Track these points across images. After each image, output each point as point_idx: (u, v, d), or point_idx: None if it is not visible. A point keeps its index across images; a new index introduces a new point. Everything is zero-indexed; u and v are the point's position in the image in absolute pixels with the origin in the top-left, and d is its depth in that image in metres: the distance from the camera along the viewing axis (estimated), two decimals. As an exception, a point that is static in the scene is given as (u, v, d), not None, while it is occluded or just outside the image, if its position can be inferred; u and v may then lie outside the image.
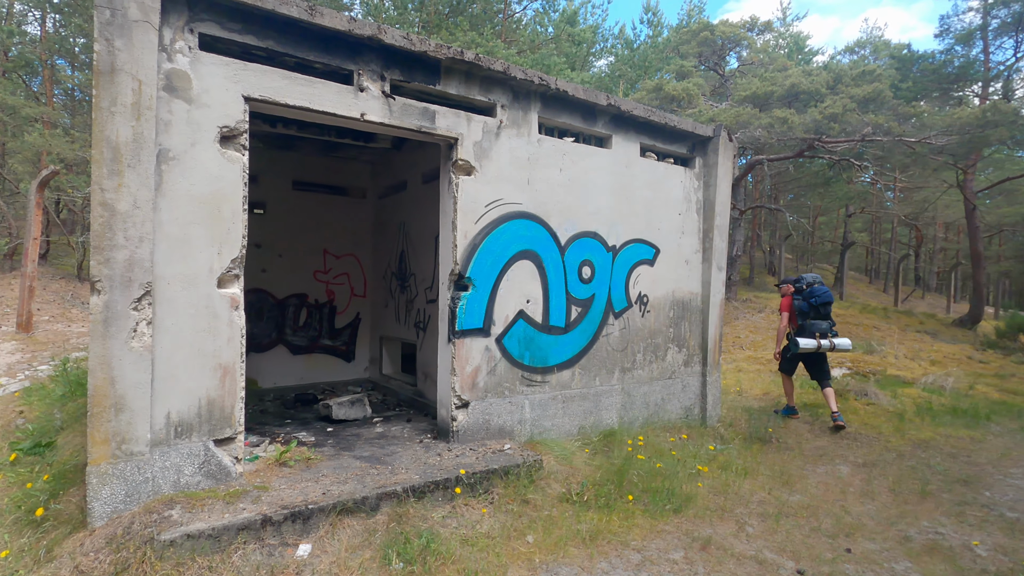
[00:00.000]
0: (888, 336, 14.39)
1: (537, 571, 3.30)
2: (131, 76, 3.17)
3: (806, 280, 6.66)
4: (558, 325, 5.38)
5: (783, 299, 6.92)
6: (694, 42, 20.29)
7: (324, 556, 3.24)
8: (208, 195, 3.59)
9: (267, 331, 7.02)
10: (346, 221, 7.59)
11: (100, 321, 3.15)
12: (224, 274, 3.67)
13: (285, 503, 3.46)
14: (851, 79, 14.73)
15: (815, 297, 6.53)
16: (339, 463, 4.29)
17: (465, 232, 4.74)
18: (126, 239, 3.20)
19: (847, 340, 6.53)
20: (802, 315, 6.61)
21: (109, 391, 3.19)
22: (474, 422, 4.85)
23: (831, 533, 4.10)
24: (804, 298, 6.61)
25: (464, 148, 4.71)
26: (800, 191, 27.91)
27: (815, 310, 6.55)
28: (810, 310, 6.55)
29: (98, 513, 3.17)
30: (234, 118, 3.66)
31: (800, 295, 6.69)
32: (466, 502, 3.98)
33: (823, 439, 6.27)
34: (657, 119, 5.94)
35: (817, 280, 6.66)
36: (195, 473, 3.57)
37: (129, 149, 3.18)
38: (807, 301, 6.57)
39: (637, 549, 3.63)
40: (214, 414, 3.63)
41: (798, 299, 6.69)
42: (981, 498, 4.83)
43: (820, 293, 6.52)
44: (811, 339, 6.42)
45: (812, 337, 6.45)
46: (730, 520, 4.19)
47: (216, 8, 3.59)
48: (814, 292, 6.55)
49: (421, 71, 4.49)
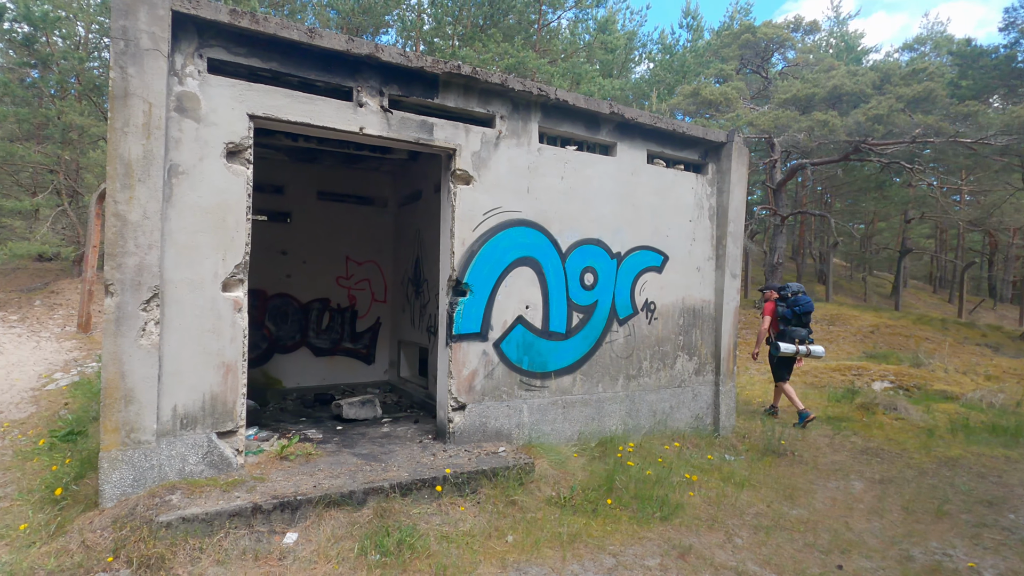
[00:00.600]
0: (942, 348, 13.53)
1: (508, 570, 3.38)
2: (142, 99, 3.51)
3: (791, 289, 7.10)
4: (558, 331, 5.44)
5: (766, 303, 7.29)
6: (735, 45, 19.87)
7: (308, 544, 3.44)
8: (214, 206, 3.89)
9: (291, 334, 7.40)
10: (368, 229, 7.92)
11: (112, 320, 3.48)
12: (228, 279, 3.96)
13: (276, 494, 3.69)
14: (900, 78, 14.05)
15: (799, 306, 6.99)
16: (337, 459, 4.51)
17: (463, 239, 4.90)
18: (136, 246, 3.53)
19: (821, 348, 7.03)
20: (784, 321, 7.09)
21: (120, 384, 3.51)
22: (471, 424, 4.97)
23: (826, 549, 3.97)
24: (789, 306, 7.07)
25: (462, 158, 4.87)
26: (854, 196, 26.64)
27: (797, 318, 7.03)
28: (793, 317, 7.05)
29: (108, 495, 3.50)
30: (239, 135, 3.96)
31: (785, 302, 7.10)
32: (452, 501, 4.10)
33: (841, 454, 6.03)
34: (664, 126, 5.93)
35: (801, 290, 7.09)
36: (199, 462, 3.86)
37: (140, 165, 3.51)
38: (791, 309, 7.04)
39: (613, 554, 3.64)
40: (217, 408, 3.92)
41: (782, 306, 7.11)
42: (1004, 520, 4.53)
43: (804, 302, 7.01)
44: (791, 344, 6.90)
45: (792, 342, 6.92)
46: (719, 531, 4.12)
47: (223, 34, 3.91)
48: (798, 301, 7.00)
49: (420, 85, 4.70)
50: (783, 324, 7.11)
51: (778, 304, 7.14)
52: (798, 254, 27.12)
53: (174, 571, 3.04)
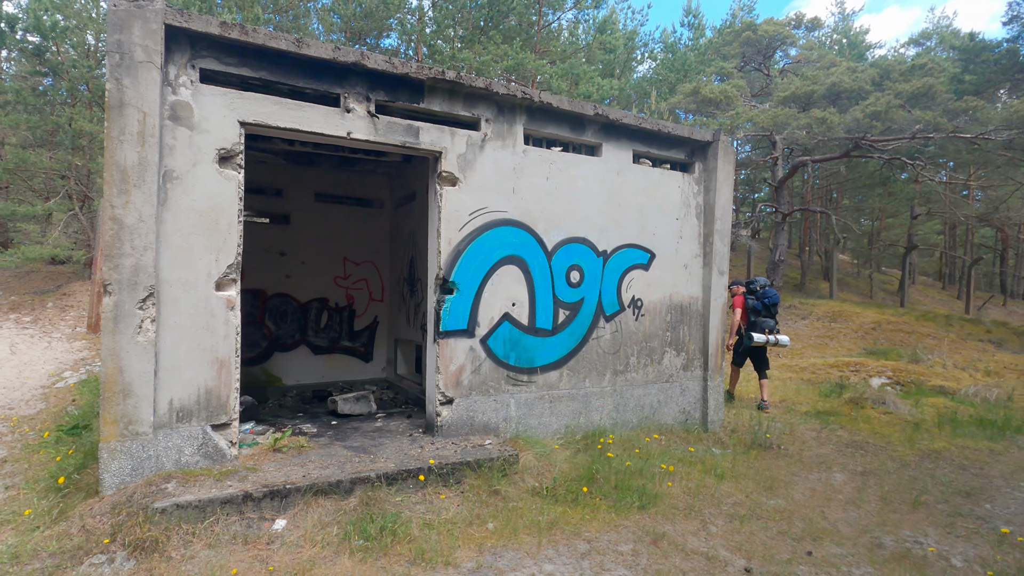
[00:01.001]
0: (943, 345, 13.50)
1: (484, 554, 3.54)
2: (137, 109, 3.71)
3: (759, 283, 7.58)
4: (545, 327, 5.59)
5: (735, 297, 7.62)
6: (736, 43, 19.88)
7: (295, 530, 3.62)
8: (207, 209, 4.09)
9: (291, 332, 7.61)
10: (365, 230, 8.11)
11: (110, 319, 3.68)
12: (221, 278, 4.15)
13: (267, 483, 3.88)
14: (899, 75, 14.02)
15: (767, 298, 7.41)
16: (328, 451, 4.70)
17: (449, 239, 5.06)
18: (132, 248, 3.73)
19: (787, 337, 7.45)
20: (755, 313, 7.49)
21: (118, 379, 3.71)
22: (458, 418, 5.14)
23: (798, 537, 4.08)
24: (758, 299, 7.48)
25: (448, 161, 5.03)
26: (858, 192, 26.51)
27: (767, 309, 7.44)
28: (763, 309, 7.46)
29: (108, 483, 3.70)
30: (231, 141, 4.15)
31: (754, 296, 7.49)
32: (437, 490, 4.27)
33: (827, 447, 6.12)
34: (649, 126, 6.06)
35: (768, 284, 7.60)
36: (194, 454, 4.06)
37: (135, 171, 3.71)
38: (760, 301, 7.45)
39: (588, 540, 3.79)
40: (211, 402, 4.11)
41: (752, 299, 7.49)
42: (979, 510, 4.62)
43: (772, 295, 7.44)
44: (762, 334, 7.31)
45: (762, 333, 7.34)
46: (695, 519, 4.25)
47: (215, 46, 4.10)
48: (767, 294, 7.43)
49: (406, 91, 4.87)
50: (753, 316, 7.52)
51: (747, 297, 7.57)
52: (803, 251, 27.03)
53: (167, 553, 3.23)
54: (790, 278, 24.28)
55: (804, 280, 24.32)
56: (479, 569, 3.34)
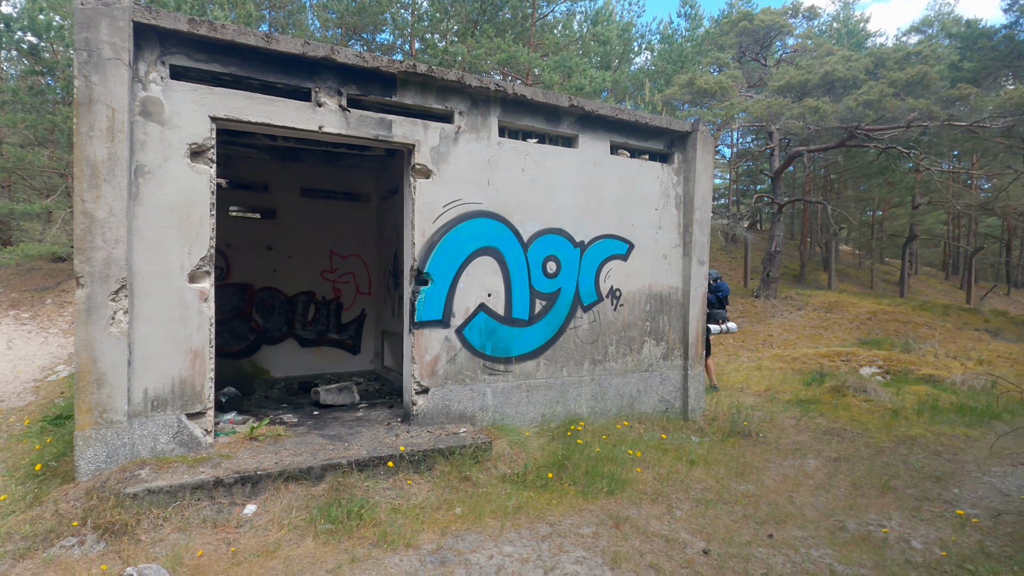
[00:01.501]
0: (937, 334, 13.47)
1: (447, 536, 3.62)
2: (106, 105, 3.79)
3: (712, 276, 7.84)
4: (521, 317, 5.65)
5: None
6: (732, 33, 19.77)
7: (265, 515, 3.72)
8: (179, 203, 4.17)
9: (278, 326, 7.72)
10: (351, 224, 8.19)
11: (83, 310, 3.78)
12: (194, 271, 4.24)
13: (239, 469, 3.98)
14: (894, 63, 13.92)
15: (721, 291, 7.83)
16: (305, 440, 4.79)
17: (423, 231, 5.13)
18: (104, 241, 3.82)
19: (735, 324, 8.00)
20: (710, 305, 7.80)
21: (92, 368, 3.81)
22: (434, 407, 5.22)
23: (762, 520, 4.14)
24: (712, 292, 7.81)
25: (421, 153, 5.09)
26: (859, 182, 26.34)
27: (720, 302, 7.85)
28: (717, 302, 7.86)
29: (83, 470, 3.81)
30: (202, 136, 4.23)
31: (708, 289, 7.53)
32: (408, 477, 4.36)
33: (804, 434, 6.17)
34: (626, 117, 6.09)
35: (719, 277, 8.01)
36: (169, 441, 4.16)
37: (105, 166, 3.80)
38: (715, 295, 7.80)
39: (551, 523, 3.87)
40: (186, 391, 4.21)
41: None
42: (947, 495, 4.67)
43: (724, 288, 7.89)
44: (717, 325, 7.74)
45: (717, 323, 7.77)
46: (661, 504, 4.32)
47: (184, 43, 4.17)
48: (720, 287, 7.85)
49: (378, 85, 4.92)
50: (708, 308, 7.70)
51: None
52: (804, 242, 26.92)
53: (136, 536, 3.33)
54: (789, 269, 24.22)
55: (803, 271, 24.26)
56: (439, 551, 3.43)
